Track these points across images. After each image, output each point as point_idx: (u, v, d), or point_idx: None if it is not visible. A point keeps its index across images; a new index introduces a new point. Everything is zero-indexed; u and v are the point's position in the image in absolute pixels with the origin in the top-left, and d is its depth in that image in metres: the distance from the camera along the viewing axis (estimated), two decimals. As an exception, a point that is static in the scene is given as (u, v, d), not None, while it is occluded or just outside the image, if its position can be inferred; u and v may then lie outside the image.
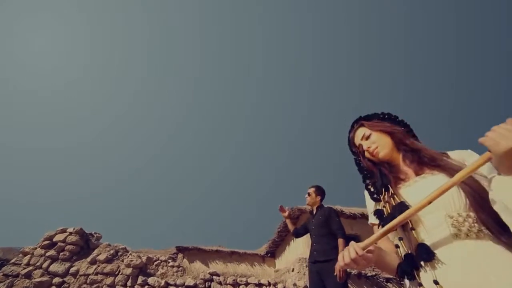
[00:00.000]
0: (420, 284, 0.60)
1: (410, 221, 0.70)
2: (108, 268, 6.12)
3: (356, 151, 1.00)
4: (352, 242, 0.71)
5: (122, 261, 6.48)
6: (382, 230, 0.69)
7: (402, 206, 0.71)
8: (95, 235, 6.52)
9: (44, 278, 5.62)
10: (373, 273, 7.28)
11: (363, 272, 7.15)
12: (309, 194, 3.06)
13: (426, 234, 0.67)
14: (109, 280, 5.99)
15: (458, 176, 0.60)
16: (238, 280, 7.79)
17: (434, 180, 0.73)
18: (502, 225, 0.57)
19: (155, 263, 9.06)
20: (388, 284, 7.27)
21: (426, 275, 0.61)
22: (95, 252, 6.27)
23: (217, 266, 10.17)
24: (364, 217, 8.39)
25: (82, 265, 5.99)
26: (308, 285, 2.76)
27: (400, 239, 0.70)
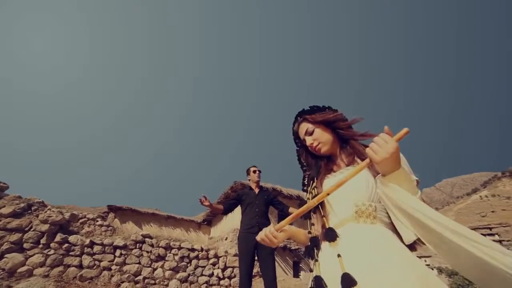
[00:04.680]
0: (316, 260, 0.70)
1: (322, 208, 0.83)
2: (15, 223, 4.89)
3: (300, 144, 1.04)
4: (271, 225, 0.86)
5: (37, 216, 5.32)
6: (290, 216, 0.82)
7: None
8: None
9: None
10: (296, 247, 7.95)
11: (288, 245, 7.76)
12: (260, 173, 3.35)
13: (336, 220, 0.78)
14: (14, 237, 4.81)
15: (347, 177, 0.75)
16: (171, 244, 7.43)
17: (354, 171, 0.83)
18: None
19: (80, 220, 7.90)
20: (306, 256, 8.11)
21: (331, 252, 0.70)
22: (-1, 203, 4.92)
23: (151, 229, 9.54)
24: (300, 198, 8.94)
25: (-25, 218, 4.64)
26: (238, 252, 2.93)
27: (312, 224, 0.81)
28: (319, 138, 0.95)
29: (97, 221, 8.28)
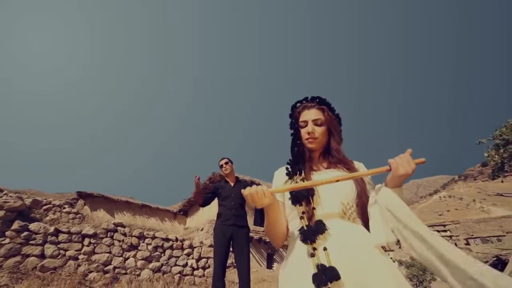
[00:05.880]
0: (314, 248, 0.74)
1: (312, 200, 0.85)
2: (-37, 208, 4.36)
3: (296, 122, 1.02)
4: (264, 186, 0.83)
5: (-8, 201, 4.78)
6: (289, 185, 0.83)
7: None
8: None
9: None
10: (271, 239, 8.06)
11: (262, 238, 7.83)
12: (230, 164, 3.22)
13: (323, 213, 0.83)
14: (-37, 223, 4.30)
15: (362, 173, 0.82)
16: (145, 233, 7.15)
17: (339, 174, 0.90)
18: (367, 219, 0.83)
19: (45, 207, 7.30)
20: (280, 248, 8.28)
21: (318, 243, 0.76)
22: None
23: (124, 217, 9.10)
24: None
25: None
26: (214, 243, 2.92)
27: (303, 213, 0.83)
28: (320, 134, 0.98)
29: (64, 208, 7.72)
